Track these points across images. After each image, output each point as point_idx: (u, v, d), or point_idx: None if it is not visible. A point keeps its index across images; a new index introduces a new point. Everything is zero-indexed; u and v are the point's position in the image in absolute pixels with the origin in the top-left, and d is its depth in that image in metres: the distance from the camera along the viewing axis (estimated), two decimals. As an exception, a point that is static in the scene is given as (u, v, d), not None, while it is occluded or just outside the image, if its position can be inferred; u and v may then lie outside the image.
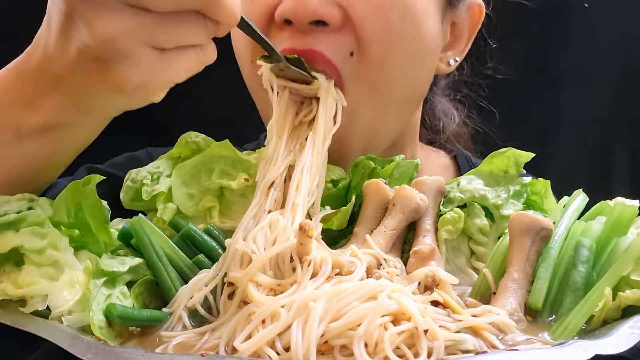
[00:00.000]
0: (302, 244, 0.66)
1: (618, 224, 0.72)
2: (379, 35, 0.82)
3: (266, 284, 0.66)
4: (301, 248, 0.66)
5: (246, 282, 0.66)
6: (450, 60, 0.99)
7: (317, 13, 0.79)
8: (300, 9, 0.78)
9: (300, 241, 0.66)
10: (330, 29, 0.81)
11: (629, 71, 1.54)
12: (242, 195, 0.83)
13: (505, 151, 0.84)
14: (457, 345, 0.61)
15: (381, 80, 0.85)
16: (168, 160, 0.86)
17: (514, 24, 1.20)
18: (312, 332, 0.59)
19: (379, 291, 0.63)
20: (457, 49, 0.99)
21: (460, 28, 0.98)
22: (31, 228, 0.68)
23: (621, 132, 1.57)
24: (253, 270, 0.66)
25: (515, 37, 1.23)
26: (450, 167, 1.16)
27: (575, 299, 0.68)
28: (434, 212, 0.80)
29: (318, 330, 0.59)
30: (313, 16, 0.79)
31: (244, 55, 0.90)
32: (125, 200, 0.84)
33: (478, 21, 0.99)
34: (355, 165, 0.84)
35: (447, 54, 0.98)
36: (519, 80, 1.47)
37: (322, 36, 0.81)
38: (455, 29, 0.97)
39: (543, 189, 0.85)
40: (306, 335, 0.59)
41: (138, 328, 0.69)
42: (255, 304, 0.64)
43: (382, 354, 0.59)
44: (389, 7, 0.82)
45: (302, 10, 0.79)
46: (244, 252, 0.68)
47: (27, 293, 0.65)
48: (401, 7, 0.83)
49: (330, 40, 0.81)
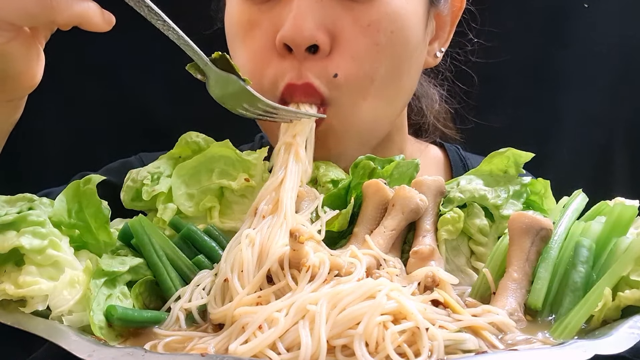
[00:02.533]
0: (295, 250, 0.65)
1: (618, 224, 0.72)
2: (365, 57, 0.85)
3: (247, 301, 0.66)
4: (295, 254, 0.66)
5: (230, 317, 0.65)
6: (437, 52, 1.01)
7: (313, 38, 0.82)
8: (297, 34, 0.82)
9: (293, 247, 0.65)
10: (320, 55, 0.84)
11: (629, 71, 1.54)
12: (242, 196, 0.83)
13: (505, 151, 0.84)
14: (458, 345, 0.61)
15: (371, 89, 0.87)
16: (168, 161, 0.86)
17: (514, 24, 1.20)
18: (321, 331, 0.59)
19: (377, 290, 0.63)
20: (441, 39, 1.01)
21: (443, 18, 0.99)
22: (31, 228, 0.68)
23: (621, 132, 1.57)
24: (234, 306, 0.66)
25: (515, 37, 1.23)
26: (441, 159, 1.16)
27: (575, 299, 0.68)
28: (433, 212, 0.80)
29: (326, 328, 0.59)
30: (310, 40, 0.82)
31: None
32: (126, 200, 0.84)
33: (460, 9, 1.01)
34: (355, 166, 0.84)
35: (434, 46, 1.00)
36: (519, 80, 1.47)
37: (313, 65, 0.84)
38: (439, 20, 0.98)
39: (542, 189, 0.85)
40: (315, 335, 0.59)
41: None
42: (248, 314, 0.63)
43: (383, 353, 0.59)
44: (376, 29, 0.85)
45: (300, 36, 0.82)
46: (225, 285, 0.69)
47: (27, 293, 0.65)
48: (389, 25, 0.85)
49: (318, 67, 0.84)
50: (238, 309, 0.64)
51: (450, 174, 1.14)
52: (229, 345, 0.60)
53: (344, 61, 0.85)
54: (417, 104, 1.17)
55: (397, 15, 0.86)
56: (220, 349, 0.62)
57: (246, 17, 0.88)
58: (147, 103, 1.46)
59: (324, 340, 0.58)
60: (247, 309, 0.64)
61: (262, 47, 0.87)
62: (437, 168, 1.15)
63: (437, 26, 0.98)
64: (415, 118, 1.16)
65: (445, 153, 1.17)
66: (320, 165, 0.87)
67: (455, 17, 1.01)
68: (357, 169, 0.84)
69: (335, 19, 0.84)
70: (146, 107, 1.46)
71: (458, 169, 1.13)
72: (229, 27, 0.93)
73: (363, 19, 0.84)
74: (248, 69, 0.87)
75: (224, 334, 0.63)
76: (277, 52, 0.85)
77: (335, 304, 0.61)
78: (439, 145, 1.19)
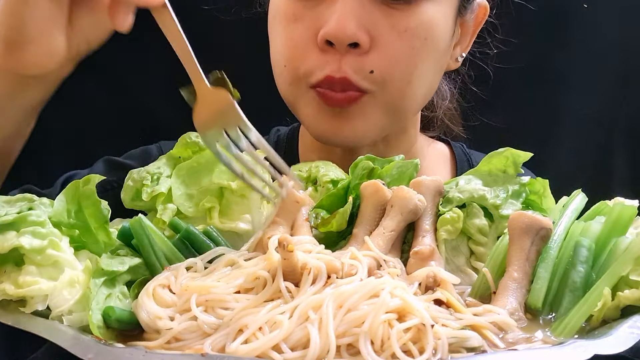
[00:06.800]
0: (286, 258, 0.65)
1: (617, 224, 0.72)
2: (401, 60, 0.91)
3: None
4: (286, 263, 0.65)
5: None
6: (458, 57, 1.07)
7: (355, 36, 0.88)
8: (340, 32, 0.88)
9: (284, 256, 0.65)
10: (360, 51, 0.90)
11: (629, 71, 1.54)
12: (242, 196, 0.83)
13: (504, 151, 0.84)
14: (462, 343, 0.61)
15: (404, 97, 0.94)
16: (168, 161, 0.86)
17: (514, 24, 1.20)
18: (329, 329, 0.59)
19: (380, 289, 0.63)
20: (463, 44, 1.06)
21: (467, 26, 1.04)
22: (31, 228, 0.68)
23: (621, 132, 1.56)
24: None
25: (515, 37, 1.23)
26: (447, 154, 1.20)
27: (575, 299, 0.69)
28: (432, 212, 0.80)
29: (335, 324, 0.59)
30: (352, 38, 0.88)
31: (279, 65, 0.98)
32: (126, 200, 0.84)
33: (483, 18, 1.06)
34: (354, 166, 0.84)
35: (456, 50, 1.05)
36: (519, 80, 1.47)
37: (351, 59, 0.90)
38: (463, 28, 1.04)
39: (542, 188, 0.85)
40: (322, 334, 0.59)
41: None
42: (245, 317, 0.63)
43: (388, 351, 0.59)
44: (411, 35, 0.91)
45: (343, 34, 0.88)
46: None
47: (27, 293, 0.65)
48: (423, 32, 0.92)
49: (356, 62, 0.90)
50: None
51: (455, 169, 1.17)
52: (224, 345, 0.60)
53: (381, 60, 0.90)
54: (429, 99, 1.19)
55: (431, 24, 0.92)
56: (215, 348, 0.61)
57: (291, 11, 0.94)
58: (147, 103, 1.46)
59: (333, 338, 0.59)
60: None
61: (303, 39, 0.92)
62: (444, 163, 1.18)
63: (461, 33, 1.04)
64: (425, 112, 1.19)
65: (450, 149, 1.20)
66: (320, 165, 0.87)
67: (477, 25, 1.07)
68: (356, 169, 0.84)
69: (375, 22, 0.90)
70: (146, 107, 1.46)
71: (463, 165, 1.16)
72: (273, 15, 0.98)
73: (400, 24, 0.90)
74: (285, 55, 0.95)
75: (221, 334, 0.63)
76: (318, 46, 0.91)
77: (340, 304, 0.62)
78: (444, 141, 1.22)
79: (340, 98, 0.91)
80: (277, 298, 0.65)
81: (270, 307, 0.63)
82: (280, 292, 0.65)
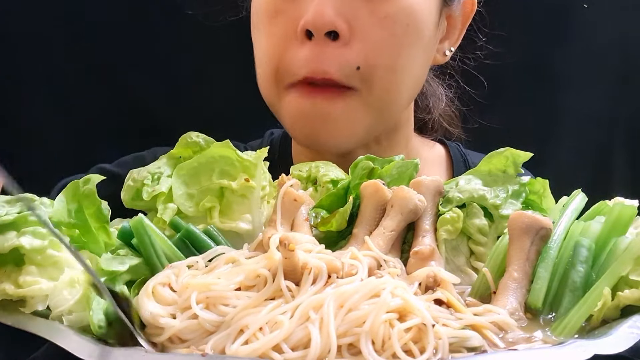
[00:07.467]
0: (287, 257, 0.65)
1: (617, 224, 0.72)
2: (384, 47, 0.90)
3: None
4: (287, 262, 0.65)
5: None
6: (446, 51, 1.06)
7: (333, 24, 0.88)
8: (319, 19, 0.88)
9: (285, 255, 0.65)
10: (340, 42, 0.89)
11: (629, 71, 1.54)
12: (242, 196, 0.83)
13: (504, 151, 0.84)
14: (462, 342, 0.61)
15: (390, 89, 0.93)
16: (169, 161, 0.85)
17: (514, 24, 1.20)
18: (330, 329, 0.59)
19: (381, 289, 0.63)
20: (451, 39, 1.06)
21: (455, 20, 1.04)
22: (32, 228, 0.68)
23: (621, 132, 1.57)
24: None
25: (515, 37, 1.23)
26: (443, 155, 1.20)
27: (574, 299, 0.68)
28: (432, 212, 0.80)
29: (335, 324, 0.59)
30: (330, 26, 0.88)
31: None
32: (126, 200, 0.84)
33: (471, 12, 1.06)
34: (354, 166, 0.84)
35: (444, 45, 1.05)
36: (519, 80, 1.47)
37: (332, 52, 0.89)
38: (450, 21, 1.03)
39: (541, 188, 0.85)
40: (323, 333, 0.59)
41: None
42: (246, 317, 0.63)
43: (389, 350, 0.59)
44: (392, 21, 0.90)
45: (320, 21, 0.88)
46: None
47: (27, 293, 0.65)
48: (404, 18, 0.90)
49: (339, 57, 0.89)
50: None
51: (452, 170, 1.16)
52: (225, 346, 0.60)
53: (363, 50, 0.89)
54: (424, 102, 1.20)
55: (412, 10, 0.91)
56: (216, 348, 0.61)
57: (272, 6, 0.94)
58: (147, 103, 1.46)
59: (334, 338, 0.58)
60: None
61: (284, 34, 0.92)
62: (440, 163, 1.18)
63: (448, 26, 1.03)
64: (422, 115, 1.19)
65: (446, 149, 1.20)
66: (320, 165, 0.87)
67: (466, 20, 1.06)
68: (356, 169, 0.84)
69: (353, 9, 0.89)
70: (146, 107, 1.46)
71: (459, 166, 1.16)
72: (255, 14, 0.98)
73: (380, 10, 0.90)
74: (268, 54, 0.94)
75: (222, 335, 0.63)
76: (299, 39, 0.90)
77: (341, 304, 0.62)
78: (440, 142, 1.22)
79: (322, 90, 0.90)
80: (277, 297, 0.65)
81: (272, 307, 0.63)
82: (280, 291, 0.65)
